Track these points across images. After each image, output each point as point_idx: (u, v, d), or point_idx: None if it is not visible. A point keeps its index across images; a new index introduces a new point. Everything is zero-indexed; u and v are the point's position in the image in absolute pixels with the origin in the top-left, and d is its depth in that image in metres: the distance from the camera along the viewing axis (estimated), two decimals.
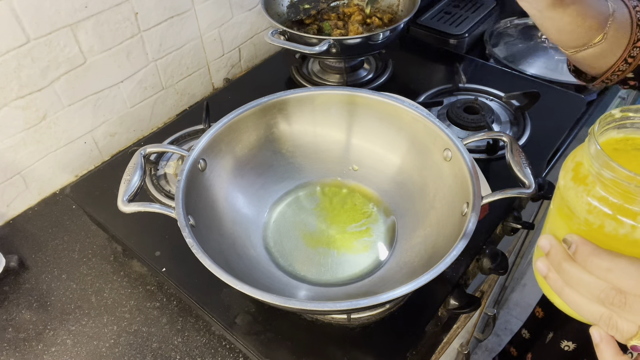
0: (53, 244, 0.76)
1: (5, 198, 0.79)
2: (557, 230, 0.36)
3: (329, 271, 0.65)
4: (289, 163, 0.75)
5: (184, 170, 0.60)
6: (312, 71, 1.04)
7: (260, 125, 0.71)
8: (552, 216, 0.38)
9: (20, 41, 0.70)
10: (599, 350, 0.33)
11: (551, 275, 0.35)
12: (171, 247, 0.70)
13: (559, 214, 0.36)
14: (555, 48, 1.07)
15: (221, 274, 0.50)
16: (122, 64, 0.84)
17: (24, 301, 0.69)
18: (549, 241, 0.35)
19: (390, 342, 0.60)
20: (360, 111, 0.71)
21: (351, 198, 0.73)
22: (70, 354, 0.63)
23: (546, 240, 0.35)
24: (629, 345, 0.31)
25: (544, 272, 0.35)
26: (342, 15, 1.01)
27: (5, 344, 0.64)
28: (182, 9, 0.90)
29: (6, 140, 0.75)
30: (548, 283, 0.35)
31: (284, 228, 0.70)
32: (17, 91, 0.73)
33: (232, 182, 0.69)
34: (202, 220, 0.60)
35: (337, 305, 0.47)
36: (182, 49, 0.94)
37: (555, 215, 0.37)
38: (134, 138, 0.94)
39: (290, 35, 0.89)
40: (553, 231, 0.37)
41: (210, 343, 0.64)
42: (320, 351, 0.59)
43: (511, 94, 0.90)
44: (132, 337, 0.64)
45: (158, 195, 0.77)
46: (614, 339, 0.33)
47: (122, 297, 0.69)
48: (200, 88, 1.03)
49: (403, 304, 0.63)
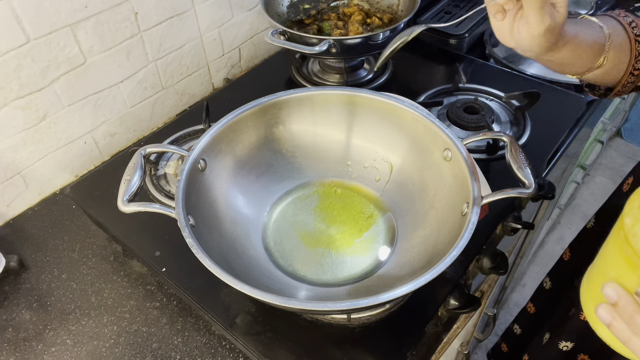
0: (53, 244, 0.76)
1: (5, 198, 0.79)
2: (623, 277, 0.35)
3: (329, 271, 0.65)
4: (289, 163, 0.75)
5: (184, 170, 0.60)
6: (312, 71, 1.04)
7: (260, 125, 0.71)
8: (613, 258, 0.37)
9: (20, 41, 0.70)
10: (613, 329, 0.34)
11: (617, 325, 0.35)
12: (171, 247, 0.70)
13: (624, 259, 0.35)
14: None
15: (221, 274, 0.50)
16: (122, 64, 0.84)
17: (24, 301, 0.69)
18: (616, 292, 0.35)
19: (390, 342, 0.60)
20: (360, 111, 0.71)
21: (351, 198, 0.73)
22: (70, 354, 0.63)
23: (612, 290, 0.35)
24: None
25: (608, 321, 0.35)
26: (342, 15, 1.01)
27: (5, 344, 0.64)
28: (182, 9, 0.90)
29: (6, 140, 0.75)
30: (612, 331, 0.35)
31: (284, 228, 0.70)
32: (17, 91, 0.73)
33: (232, 182, 0.69)
34: (202, 220, 0.60)
35: (337, 305, 0.47)
36: (182, 49, 0.94)
37: (618, 258, 0.36)
38: (134, 138, 0.94)
39: (290, 35, 0.89)
40: (617, 278, 0.36)
41: (210, 343, 0.64)
42: (320, 351, 0.59)
43: (511, 94, 0.90)
44: (132, 337, 0.64)
45: (158, 195, 0.77)
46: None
47: (122, 297, 0.69)
48: (200, 88, 1.03)
49: (403, 304, 0.63)
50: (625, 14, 0.58)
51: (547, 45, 0.50)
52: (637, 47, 0.55)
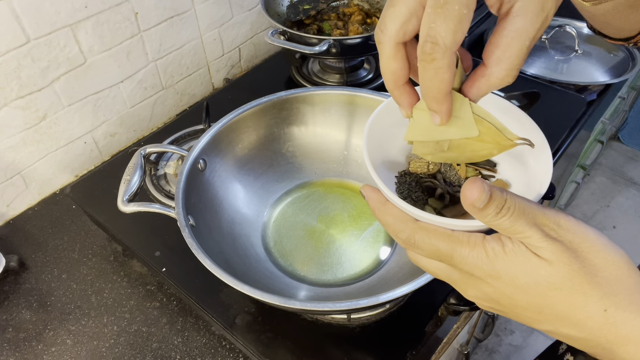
0: (53, 244, 0.76)
1: (5, 198, 0.79)
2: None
3: (329, 271, 0.65)
4: (289, 163, 0.75)
5: (184, 170, 0.60)
6: (312, 71, 1.04)
7: (260, 125, 0.71)
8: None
9: (20, 41, 0.70)
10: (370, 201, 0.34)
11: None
12: (171, 247, 0.70)
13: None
14: (555, 48, 1.07)
15: (221, 274, 0.50)
16: (122, 64, 0.84)
17: (24, 301, 0.69)
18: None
19: (390, 342, 0.60)
20: (360, 111, 0.71)
21: (351, 198, 0.73)
22: (70, 354, 0.63)
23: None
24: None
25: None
26: (342, 15, 1.01)
27: (5, 344, 0.64)
28: (182, 9, 0.90)
29: (6, 140, 0.75)
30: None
31: (284, 228, 0.70)
32: (17, 91, 0.73)
33: (232, 182, 0.69)
34: (202, 220, 0.60)
35: (337, 305, 0.47)
36: (182, 49, 0.94)
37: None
38: (134, 138, 0.94)
39: (290, 35, 0.89)
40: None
41: (210, 343, 0.64)
42: (320, 351, 0.59)
43: (511, 94, 0.90)
44: (132, 337, 0.64)
45: (158, 195, 0.77)
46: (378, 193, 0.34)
47: (122, 297, 0.69)
48: (200, 88, 1.03)
49: (403, 304, 0.63)
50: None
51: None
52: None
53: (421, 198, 0.37)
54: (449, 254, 0.31)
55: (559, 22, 1.12)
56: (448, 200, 0.37)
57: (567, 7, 0.48)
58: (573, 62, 1.04)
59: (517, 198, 0.29)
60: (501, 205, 0.28)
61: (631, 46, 0.51)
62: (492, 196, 0.28)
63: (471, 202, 0.28)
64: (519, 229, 0.28)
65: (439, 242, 0.31)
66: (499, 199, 0.28)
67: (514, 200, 0.28)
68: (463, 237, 0.30)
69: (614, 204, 1.90)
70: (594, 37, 1.09)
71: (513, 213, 0.28)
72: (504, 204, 0.28)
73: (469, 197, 0.28)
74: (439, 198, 0.37)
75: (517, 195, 0.29)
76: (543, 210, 0.29)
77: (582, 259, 0.28)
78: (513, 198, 0.28)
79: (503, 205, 0.28)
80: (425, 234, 0.31)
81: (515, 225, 0.28)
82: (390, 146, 0.40)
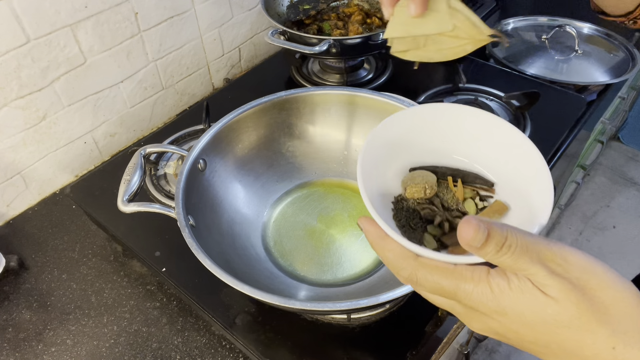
0: (53, 244, 0.76)
1: (5, 198, 0.79)
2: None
3: (329, 271, 0.65)
4: (289, 163, 0.75)
5: (184, 170, 0.60)
6: (312, 71, 1.04)
7: (260, 125, 0.71)
8: None
9: (20, 41, 0.70)
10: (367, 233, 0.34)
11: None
12: (171, 247, 0.70)
13: None
14: (555, 48, 1.07)
15: (221, 274, 0.50)
16: (122, 64, 0.84)
17: (24, 301, 0.69)
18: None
19: (390, 342, 0.60)
20: (360, 111, 0.71)
21: (351, 198, 0.73)
22: (70, 354, 0.63)
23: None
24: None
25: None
26: (342, 15, 1.01)
27: (5, 344, 0.64)
28: (182, 9, 0.90)
29: (6, 140, 0.75)
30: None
31: (284, 228, 0.70)
32: (17, 91, 0.73)
33: (232, 182, 0.69)
34: (202, 220, 0.60)
35: (337, 305, 0.47)
36: (182, 49, 0.94)
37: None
38: (134, 138, 0.94)
39: (290, 35, 0.89)
40: None
41: (210, 343, 0.64)
42: (320, 351, 0.59)
43: (511, 94, 0.90)
44: (132, 337, 0.64)
45: (158, 195, 0.77)
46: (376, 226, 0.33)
47: (122, 297, 0.69)
48: (200, 88, 1.03)
49: (403, 304, 0.63)
50: None
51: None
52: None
53: (420, 225, 0.37)
54: (452, 290, 0.30)
55: (559, 22, 1.12)
56: (447, 228, 0.36)
57: (567, 7, 0.48)
58: (573, 62, 1.04)
59: (519, 234, 0.28)
60: (501, 242, 0.27)
61: (630, 23, 0.52)
62: (490, 234, 0.27)
63: (467, 242, 0.28)
64: (523, 267, 0.27)
65: (441, 279, 0.30)
66: (498, 237, 0.27)
67: (516, 236, 0.28)
68: (466, 273, 0.30)
69: (614, 204, 1.90)
70: (594, 37, 1.09)
71: (515, 251, 0.27)
72: (504, 241, 0.27)
73: (464, 237, 0.28)
74: (438, 226, 0.37)
75: (520, 231, 0.28)
76: (549, 245, 0.28)
77: (590, 296, 0.27)
78: (514, 234, 0.28)
79: (504, 243, 0.27)
80: (427, 271, 0.31)
81: (518, 263, 0.27)
82: (385, 169, 0.39)
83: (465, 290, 0.29)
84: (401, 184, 0.39)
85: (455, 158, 0.40)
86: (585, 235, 1.79)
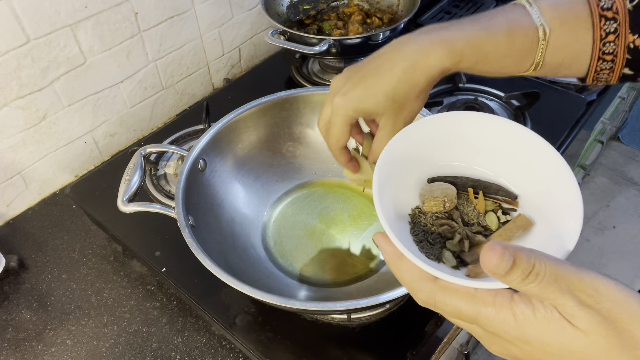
0: (53, 244, 0.76)
1: (5, 198, 0.79)
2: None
3: (328, 271, 0.65)
4: (289, 163, 0.75)
5: (184, 170, 0.60)
6: (312, 71, 1.04)
7: (260, 125, 0.71)
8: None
9: (20, 41, 0.70)
10: (382, 250, 0.33)
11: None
12: (171, 247, 0.70)
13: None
14: None
15: (221, 274, 0.50)
16: (122, 64, 0.84)
17: (24, 301, 0.69)
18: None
19: (390, 342, 0.60)
20: None
21: (351, 198, 0.73)
22: (70, 354, 0.63)
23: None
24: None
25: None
26: (342, 15, 1.01)
27: (5, 344, 0.64)
28: (182, 9, 0.90)
29: (6, 140, 0.75)
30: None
31: (284, 228, 0.70)
32: (17, 91, 0.73)
33: (232, 182, 0.69)
34: (202, 220, 0.60)
35: (337, 305, 0.47)
36: (182, 49, 0.94)
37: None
38: (134, 138, 0.94)
39: (290, 35, 0.89)
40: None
41: (210, 343, 0.64)
42: (320, 351, 0.59)
43: (511, 94, 0.90)
44: (132, 337, 0.64)
45: (158, 195, 0.77)
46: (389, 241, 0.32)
47: (122, 297, 0.69)
48: (200, 88, 1.03)
49: (403, 304, 0.63)
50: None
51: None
52: (602, 27, 0.43)
53: (438, 240, 0.35)
54: (473, 315, 0.29)
55: None
56: (467, 246, 0.35)
57: None
58: None
59: (548, 262, 0.26)
60: (528, 271, 0.25)
61: (592, 85, 0.53)
62: (516, 261, 0.25)
63: (490, 270, 0.26)
64: (550, 296, 0.26)
65: (461, 304, 0.29)
66: (524, 265, 0.25)
67: (545, 264, 0.26)
68: (488, 298, 0.28)
69: (614, 204, 1.90)
70: None
71: (543, 279, 0.26)
72: (531, 269, 0.25)
73: (487, 264, 0.26)
74: (458, 242, 0.35)
75: (548, 257, 0.26)
76: (579, 275, 0.26)
77: (621, 330, 0.25)
78: (543, 262, 0.26)
79: (530, 271, 0.25)
80: (446, 294, 0.30)
81: (545, 293, 0.26)
82: (402, 180, 0.38)
83: (486, 316, 0.28)
84: (419, 197, 0.38)
85: (476, 169, 0.39)
86: (585, 235, 1.79)
